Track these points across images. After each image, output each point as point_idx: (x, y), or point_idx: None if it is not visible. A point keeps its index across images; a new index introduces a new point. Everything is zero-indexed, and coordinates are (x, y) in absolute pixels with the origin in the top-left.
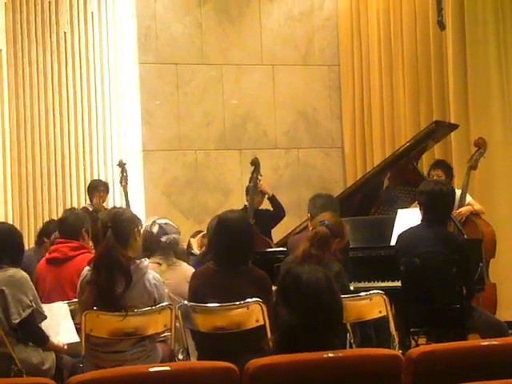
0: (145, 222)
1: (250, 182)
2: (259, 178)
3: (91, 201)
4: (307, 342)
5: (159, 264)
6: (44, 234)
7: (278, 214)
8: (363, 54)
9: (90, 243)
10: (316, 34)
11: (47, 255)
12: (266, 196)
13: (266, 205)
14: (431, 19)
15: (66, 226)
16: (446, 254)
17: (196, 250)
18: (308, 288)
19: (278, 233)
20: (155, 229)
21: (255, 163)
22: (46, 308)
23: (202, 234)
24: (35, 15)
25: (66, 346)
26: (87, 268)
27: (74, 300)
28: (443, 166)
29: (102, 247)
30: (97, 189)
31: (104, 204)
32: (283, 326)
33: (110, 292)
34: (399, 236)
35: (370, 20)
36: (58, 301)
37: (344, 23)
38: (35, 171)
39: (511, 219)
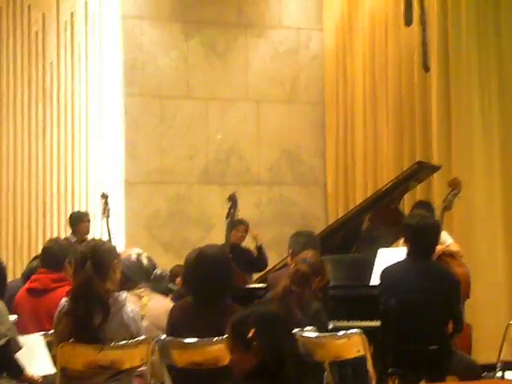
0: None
1: (227, 218)
2: (237, 213)
3: (74, 232)
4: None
5: (140, 297)
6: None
7: (259, 264)
8: (348, 93)
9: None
10: (301, 72)
11: (27, 284)
12: (255, 244)
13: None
14: (416, 60)
15: (49, 257)
16: (427, 293)
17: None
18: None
19: None
20: (145, 260)
21: (233, 199)
22: (22, 339)
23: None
24: (22, 45)
25: (41, 379)
26: (65, 299)
27: (51, 331)
28: (425, 206)
29: (80, 278)
30: (81, 219)
31: (87, 236)
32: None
33: (88, 324)
34: (383, 271)
35: (356, 59)
36: (34, 331)
37: (329, 62)
38: (15, 202)
39: (490, 261)
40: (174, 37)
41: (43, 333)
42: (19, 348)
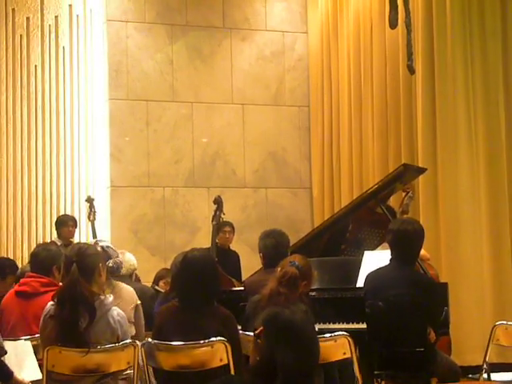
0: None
1: (212, 221)
2: (222, 216)
3: (59, 235)
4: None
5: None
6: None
7: None
8: (333, 96)
9: None
10: (287, 75)
11: (16, 287)
12: None
13: (234, 245)
14: (401, 63)
15: (38, 262)
16: (412, 297)
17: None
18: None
19: (246, 271)
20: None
21: (218, 201)
22: (11, 344)
23: (164, 281)
24: (6, 48)
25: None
26: (51, 303)
27: (38, 335)
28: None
29: (66, 281)
30: (65, 223)
31: (71, 239)
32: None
33: (74, 327)
34: (367, 277)
35: (341, 62)
36: (21, 334)
37: (315, 64)
38: (0, 206)
39: (475, 263)
40: (158, 40)
41: (31, 336)
42: (4, 352)
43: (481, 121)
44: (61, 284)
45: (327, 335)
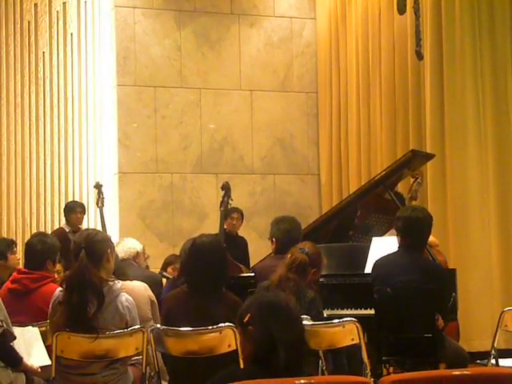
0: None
1: (220, 207)
2: (230, 202)
3: (67, 222)
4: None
5: None
6: None
7: None
8: (341, 82)
9: (57, 267)
10: (295, 61)
11: (9, 284)
12: None
13: (242, 231)
14: (409, 49)
15: (32, 254)
16: (420, 283)
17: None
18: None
19: (254, 257)
20: None
21: (225, 187)
22: (19, 331)
23: (172, 267)
24: (14, 34)
25: (39, 369)
26: (59, 289)
27: (46, 321)
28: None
29: (74, 267)
30: (74, 210)
31: (80, 226)
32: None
33: (82, 312)
34: (375, 263)
35: (349, 48)
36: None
37: (323, 51)
38: (9, 192)
39: (484, 249)
40: (166, 26)
41: (40, 322)
42: (13, 338)
43: (489, 106)
44: (61, 273)
45: (335, 321)
